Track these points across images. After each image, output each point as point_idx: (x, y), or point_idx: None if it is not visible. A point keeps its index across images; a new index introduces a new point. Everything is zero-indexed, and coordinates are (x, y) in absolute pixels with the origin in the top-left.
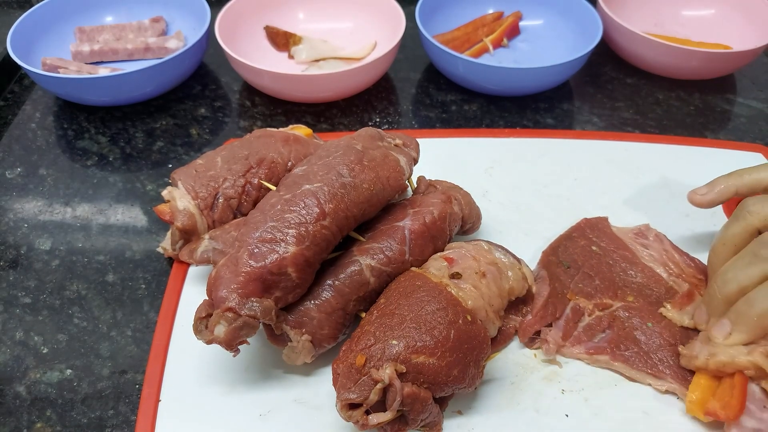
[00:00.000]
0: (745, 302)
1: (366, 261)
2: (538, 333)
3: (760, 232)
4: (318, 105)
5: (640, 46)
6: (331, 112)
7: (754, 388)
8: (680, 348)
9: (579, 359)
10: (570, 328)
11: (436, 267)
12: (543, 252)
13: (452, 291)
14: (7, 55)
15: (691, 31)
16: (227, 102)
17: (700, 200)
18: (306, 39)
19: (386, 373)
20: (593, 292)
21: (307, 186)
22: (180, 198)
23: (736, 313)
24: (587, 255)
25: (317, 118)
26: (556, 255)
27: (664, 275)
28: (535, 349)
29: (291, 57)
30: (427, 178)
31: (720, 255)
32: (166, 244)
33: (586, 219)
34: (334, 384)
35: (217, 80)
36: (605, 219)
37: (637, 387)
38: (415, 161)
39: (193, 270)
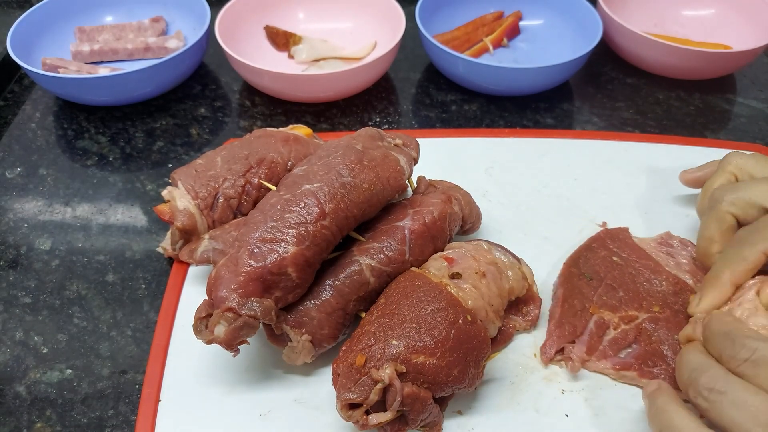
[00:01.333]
0: (713, 265)
1: (366, 261)
2: (560, 350)
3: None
4: (318, 105)
5: (640, 46)
6: (331, 112)
7: None
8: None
9: (605, 374)
10: (595, 342)
11: (436, 267)
12: (564, 264)
13: (452, 291)
14: (7, 55)
15: (691, 31)
16: (227, 102)
17: (687, 177)
18: (306, 39)
19: (386, 373)
20: (618, 305)
21: (307, 186)
22: (180, 198)
23: (706, 277)
24: (609, 266)
25: (317, 118)
26: (578, 267)
27: (690, 282)
28: (557, 362)
29: (291, 57)
30: (427, 178)
31: (703, 205)
32: (166, 244)
33: (606, 229)
34: (334, 384)
35: (217, 80)
36: (626, 229)
37: (637, 387)
38: (415, 161)
39: (193, 270)
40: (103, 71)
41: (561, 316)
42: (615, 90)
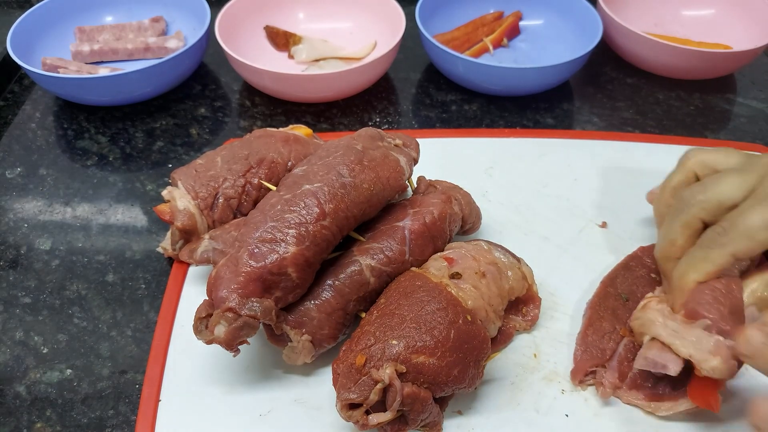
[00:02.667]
0: (678, 269)
1: (366, 261)
2: (592, 372)
3: (698, 179)
4: (318, 105)
5: (640, 46)
6: (331, 112)
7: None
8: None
9: (639, 407)
10: (624, 368)
11: (436, 267)
12: (601, 282)
13: (452, 291)
14: (7, 55)
15: (691, 31)
16: (227, 102)
17: (651, 197)
18: (306, 39)
19: (386, 373)
20: None
21: (307, 186)
22: (180, 198)
23: (673, 284)
24: (647, 284)
25: (317, 118)
26: (614, 286)
27: None
28: (588, 386)
29: (291, 57)
30: (427, 178)
31: (661, 202)
32: (166, 244)
33: (642, 247)
34: (334, 384)
35: (217, 80)
36: None
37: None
38: (415, 161)
39: (193, 270)
40: (103, 71)
41: (584, 341)
42: (615, 90)
